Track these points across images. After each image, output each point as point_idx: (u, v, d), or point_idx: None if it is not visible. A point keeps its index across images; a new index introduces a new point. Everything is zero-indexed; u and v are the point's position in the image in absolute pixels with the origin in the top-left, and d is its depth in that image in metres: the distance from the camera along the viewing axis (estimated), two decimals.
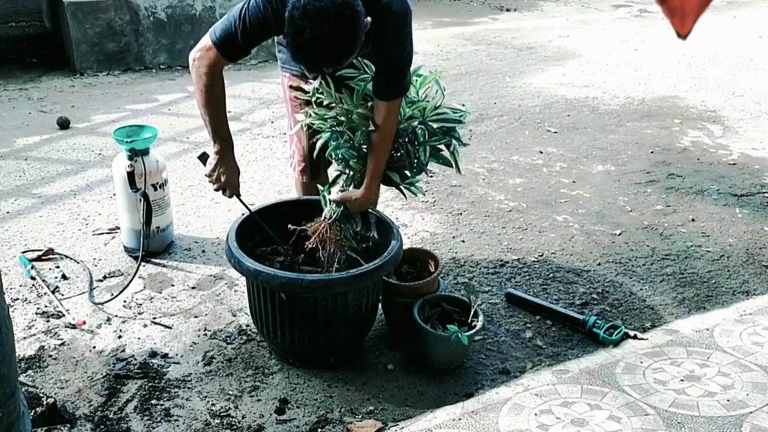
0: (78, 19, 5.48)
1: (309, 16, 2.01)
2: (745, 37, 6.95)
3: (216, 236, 3.36)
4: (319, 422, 2.30)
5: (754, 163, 4.27)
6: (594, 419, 2.20)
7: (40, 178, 3.91)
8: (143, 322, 2.77)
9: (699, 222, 3.60)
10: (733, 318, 2.77)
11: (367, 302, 2.48)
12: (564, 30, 7.17)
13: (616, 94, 5.43)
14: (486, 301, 2.94)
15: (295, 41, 2.06)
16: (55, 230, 3.40)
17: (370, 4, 2.14)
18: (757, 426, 2.18)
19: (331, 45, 2.05)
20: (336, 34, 2.03)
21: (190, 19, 5.80)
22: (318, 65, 2.15)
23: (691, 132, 4.72)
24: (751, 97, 5.36)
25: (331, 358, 2.54)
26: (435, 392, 2.46)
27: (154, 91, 5.28)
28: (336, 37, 2.04)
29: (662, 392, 2.33)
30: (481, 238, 3.41)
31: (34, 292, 2.93)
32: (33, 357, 2.56)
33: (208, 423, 2.29)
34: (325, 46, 2.05)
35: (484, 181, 3.99)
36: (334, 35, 2.03)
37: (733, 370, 2.45)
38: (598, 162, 4.26)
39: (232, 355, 2.61)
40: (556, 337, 2.75)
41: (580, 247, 3.36)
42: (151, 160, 3.05)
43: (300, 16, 2.02)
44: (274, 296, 2.37)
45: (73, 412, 2.31)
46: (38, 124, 4.60)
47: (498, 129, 4.72)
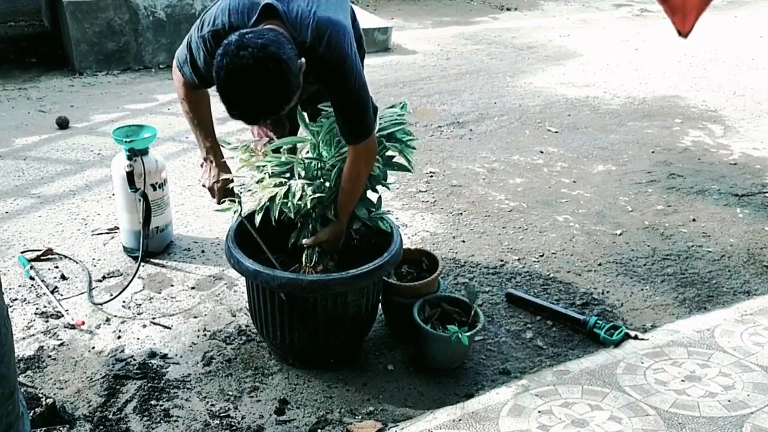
0: (77, 19, 5.48)
1: (232, 75, 1.96)
2: (746, 36, 6.94)
3: (215, 236, 3.36)
4: (319, 423, 2.30)
5: (755, 162, 4.26)
6: (595, 420, 2.20)
7: (39, 178, 3.90)
8: (142, 322, 2.76)
9: (700, 222, 3.59)
10: (734, 318, 2.76)
11: (367, 302, 2.47)
12: (564, 29, 7.16)
13: (617, 93, 5.42)
14: (486, 301, 2.93)
15: (225, 101, 2.01)
16: (54, 230, 3.39)
17: (305, 52, 2.09)
18: (757, 426, 2.17)
19: (261, 100, 2.00)
20: (264, 88, 1.97)
21: (190, 19, 5.78)
22: (255, 120, 2.15)
23: (692, 132, 4.72)
24: (752, 97, 5.35)
25: (331, 359, 2.53)
26: (435, 392, 2.45)
27: (154, 90, 5.27)
28: (265, 91, 1.98)
29: (663, 393, 2.33)
30: (482, 238, 3.40)
31: (33, 293, 2.92)
32: (32, 357, 2.55)
33: (207, 423, 2.28)
34: (256, 102, 2.00)
35: (485, 181, 3.98)
36: (263, 90, 1.97)
37: (734, 370, 2.44)
38: (599, 162, 4.26)
39: (231, 355, 2.60)
40: (556, 337, 2.74)
41: (581, 247, 3.35)
42: (150, 160, 3.04)
43: (225, 77, 1.97)
44: (273, 296, 2.36)
45: (73, 413, 2.30)
46: (37, 124, 4.60)
47: (498, 129, 4.72)
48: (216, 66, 1.99)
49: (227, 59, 1.96)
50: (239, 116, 2.06)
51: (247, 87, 1.97)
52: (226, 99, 2.01)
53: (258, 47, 1.94)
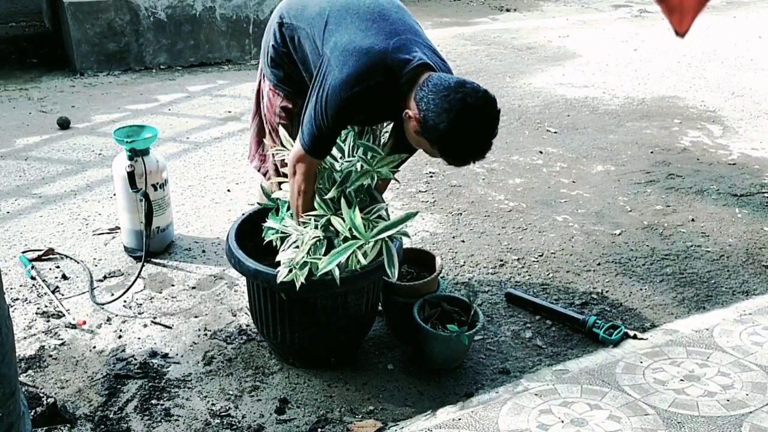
0: (78, 19, 5.48)
1: (483, 118, 2.06)
2: (745, 37, 6.95)
3: (216, 236, 3.36)
4: (319, 422, 2.30)
5: (753, 163, 4.27)
6: (594, 419, 2.21)
7: (40, 178, 3.91)
8: (143, 322, 2.77)
9: (699, 222, 3.60)
10: (733, 318, 2.77)
11: (367, 302, 2.48)
12: (564, 30, 7.17)
13: (616, 94, 5.43)
14: (486, 301, 2.94)
15: (473, 144, 2.07)
16: (55, 230, 3.40)
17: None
18: (756, 426, 2.18)
19: (495, 134, 2.11)
20: (497, 123, 2.10)
21: (190, 20, 5.80)
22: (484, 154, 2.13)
23: (691, 132, 4.73)
24: (750, 97, 5.36)
25: (331, 358, 2.54)
26: (435, 392, 2.46)
27: (154, 91, 5.28)
28: (496, 125, 2.11)
29: (662, 392, 2.33)
30: (481, 238, 3.41)
31: (34, 292, 2.93)
32: (33, 357, 2.56)
33: (208, 423, 2.29)
34: (493, 136, 2.09)
35: (484, 181, 3.99)
36: (496, 124, 2.10)
37: (733, 370, 2.45)
38: (598, 162, 4.27)
39: (232, 355, 2.61)
40: (555, 336, 2.75)
41: (580, 247, 3.36)
42: (151, 160, 3.05)
43: (477, 120, 2.03)
44: (274, 296, 2.37)
45: (73, 412, 2.31)
46: (38, 124, 4.60)
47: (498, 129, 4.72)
48: (456, 120, 2.00)
49: (471, 110, 2.02)
50: (479, 158, 2.11)
51: (491, 132, 2.08)
52: (470, 148, 2.08)
53: (478, 87, 2.07)
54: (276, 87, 2.53)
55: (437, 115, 2.00)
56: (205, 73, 5.73)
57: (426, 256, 2.79)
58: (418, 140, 2.13)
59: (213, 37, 5.86)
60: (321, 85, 2.16)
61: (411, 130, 2.12)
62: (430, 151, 2.15)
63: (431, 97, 2.02)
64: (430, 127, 2.03)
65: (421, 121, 2.04)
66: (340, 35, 2.17)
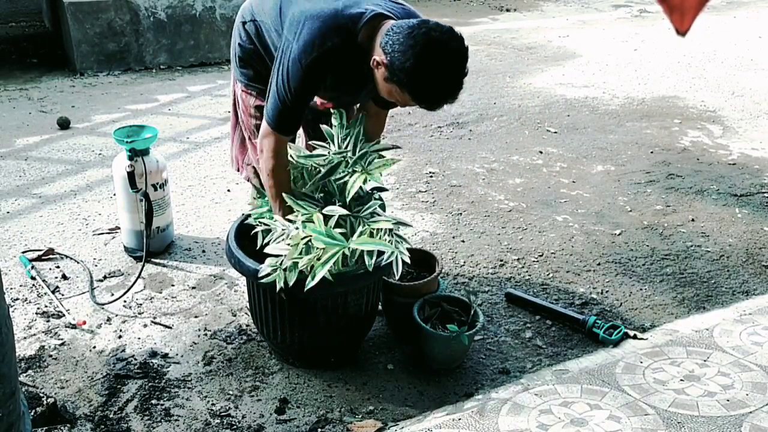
0: (78, 20, 5.49)
1: (450, 56, 2.00)
2: (745, 37, 6.95)
3: (216, 236, 3.37)
4: (319, 422, 2.30)
5: (753, 163, 4.27)
6: (594, 419, 2.21)
7: (40, 178, 3.91)
8: (143, 322, 2.77)
9: (699, 222, 3.60)
10: (733, 318, 2.77)
11: (367, 302, 2.48)
12: (564, 30, 7.17)
13: (616, 94, 5.43)
14: (486, 301, 2.94)
15: (443, 86, 2.02)
16: (55, 230, 3.40)
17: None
18: (756, 426, 2.18)
19: (464, 73, 2.04)
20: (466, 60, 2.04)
21: (190, 20, 5.80)
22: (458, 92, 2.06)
23: (691, 132, 4.73)
24: (750, 97, 5.36)
25: (331, 358, 2.54)
26: (435, 392, 2.46)
27: (154, 91, 5.28)
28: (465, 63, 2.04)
29: (662, 392, 2.33)
30: (481, 238, 3.41)
31: (34, 292, 2.93)
32: (33, 357, 2.56)
33: (208, 423, 2.29)
34: (463, 75, 2.03)
35: (484, 181, 3.99)
36: (465, 63, 2.03)
37: (733, 369, 2.45)
38: (598, 162, 4.27)
39: (232, 355, 2.61)
40: (555, 336, 2.75)
41: (580, 247, 3.36)
42: (151, 160, 3.05)
43: (442, 60, 1.98)
44: (274, 296, 2.37)
45: (73, 412, 2.31)
46: (38, 124, 4.61)
47: (498, 129, 4.72)
48: (421, 56, 1.96)
49: (436, 45, 1.96)
50: (450, 99, 2.05)
51: (460, 69, 2.01)
52: (439, 86, 2.02)
53: (441, 24, 2.01)
54: (247, 87, 2.53)
55: (402, 54, 1.98)
56: (205, 73, 5.73)
57: (426, 256, 2.79)
58: (389, 88, 2.10)
59: (213, 37, 5.86)
60: (281, 60, 2.17)
61: (380, 78, 2.09)
62: (402, 99, 2.11)
63: (395, 38, 2.00)
64: (397, 68, 2.00)
65: (388, 64, 2.02)
66: (291, 12, 2.19)
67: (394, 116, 4.81)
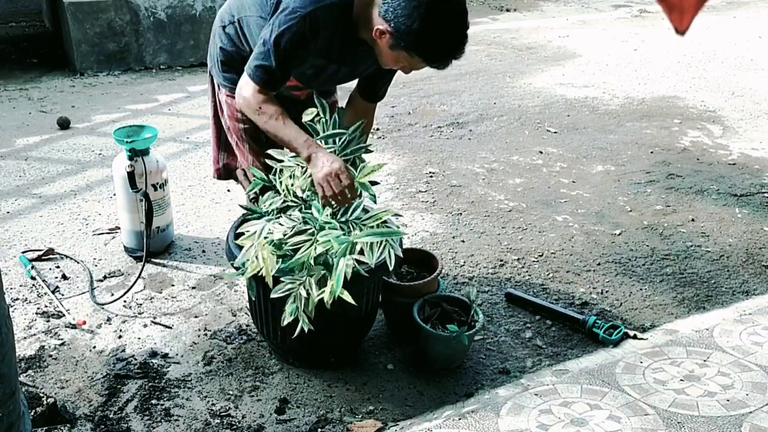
0: (78, 20, 5.49)
1: (454, 15, 2.06)
2: (745, 37, 6.95)
3: (216, 236, 3.37)
4: (319, 422, 2.30)
5: (753, 163, 4.27)
6: (594, 419, 2.21)
7: (40, 178, 3.91)
8: (143, 322, 2.77)
9: (699, 222, 3.60)
10: (733, 318, 2.77)
11: (367, 302, 2.48)
12: (564, 30, 7.17)
13: (616, 94, 5.43)
14: (486, 301, 2.94)
15: (449, 43, 2.09)
16: (55, 230, 3.40)
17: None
18: (756, 426, 2.18)
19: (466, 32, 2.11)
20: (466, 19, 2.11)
21: (190, 20, 5.80)
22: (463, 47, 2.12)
23: (691, 132, 4.73)
24: (750, 97, 5.36)
25: (331, 358, 2.54)
26: (435, 392, 2.46)
27: (154, 91, 5.28)
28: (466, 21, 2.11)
29: (662, 392, 2.33)
30: (481, 238, 3.41)
31: (34, 292, 2.93)
32: (33, 357, 2.56)
33: (208, 423, 2.29)
34: (466, 34, 2.10)
35: (484, 181, 3.99)
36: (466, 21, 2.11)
37: (733, 369, 2.45)
38: (598, 162, 4.27)
39: (232, 355, 2.61)
40: (555, 336, 2.75)
41: (580, 247, 3.36)
42: (151, 160, 3.05)
43: (445, 19, 2.05)
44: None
45: (73, 412, 2.31)
46: (38, 124, 4.61)
47: (498, 129, 4.73)
48: (428, 13, 2.02)
49: (435, 2, 2.03)
50: (458, 54, 2.13)
51: (464, 23, 2.09)
52: (448, 40, 2.08)
53: None
54: (232, 91, 2.46)
55: (408, 17, 2.03)
56: (205, 73, 5.64)
57: (426, 256, 2.79)
58: (396, 56, 2.14)
59: None
60: (276, 16, 2.16)
61: (385, 47, 2.13)
62: (409, 62, 2.16)
63: (396, 4, 2.05)
64: (404, 31, 2.05)
65: (393, 30, 2.06)
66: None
67: (394, 116, 4.81)
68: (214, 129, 2.78)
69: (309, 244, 2.16)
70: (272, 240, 2.19)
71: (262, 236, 2.20)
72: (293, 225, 2.22)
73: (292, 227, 2.22)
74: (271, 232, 2.21)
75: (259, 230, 2.21)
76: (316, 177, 2.21)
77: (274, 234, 2.20)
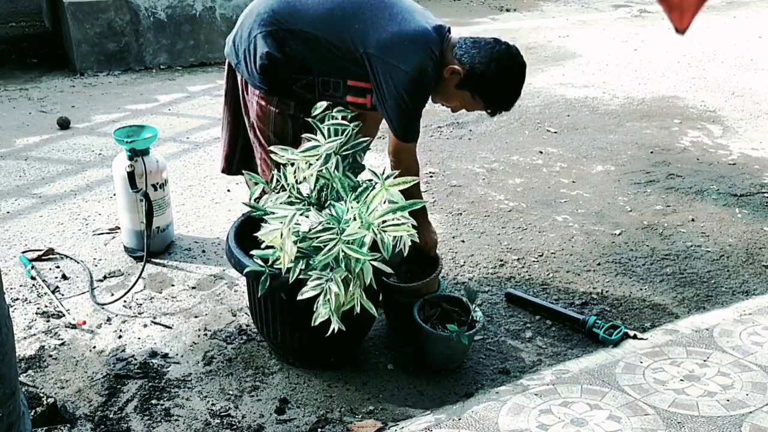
0: (78, 20, 5.49)
1: (522, 70, 2.42)
2: (745, 37, 6.95)
3: (216, 236, 3.37)
4: (319, 422, 2.30)
5: (753, 163, 4.27)
6: (594, 419, 2.21)
7: (40, 178, 3.91)
8: (143, 322, 2.77)
9: (699, 222, 3.60)
10: (733, 318, 2.77)
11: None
12: (564, 30, 7.17)
13: (616, 94, 5.43)
14: (486, 301, 2.94)
15: (513, 94, 2.42)
16: (55, 230, 3.40)
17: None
18: (756, 426, 2.18)
19: None
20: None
21: (190, 20, 5.80)
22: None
23: (691, 132, 4.73)
24: (750, 97, 5.36)
25: (331, 358, 2.54)
26: (435, 392, 2.46)
27: (154, 91, 5.28)
28: None
29: (662, 392, 2.33)
30: (481, 238, 3.41)
31: (34, 292, 2.93)
32: (33, 357, 2.56)
33: (208, 423, 2.29)
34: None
35: (484, 181, 3.99)
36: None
37: (733, 369, 2.45)
38: (598, 162, 4.27)
39: (232, 355, 2.61)
40: (555, 336, 2.75)
41: (580, 247, 3.36)
42: (151, 160, 3.05)
43: (518, 73, 2.42)
44: (274, 296, 2.37)
45: (73, 412, 2.31)
46: (38, 124, 4.61)
47: (498, 129, 4.73)
48: (502, 67, 2.37)
49: (514, 59, 2.40)
50: (510, 107, 2.48)
51: (524, 81, 2.45)
52: (512, 93, 2.43)
53: (513, 46, 2.45)
54: (268, 95, 2.51)
55: (485, 66, 2.34)
56: (205, 73, 5.73)
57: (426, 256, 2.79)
58: (459, 95, 2.44)
59: (213, 37, 5.86)
60: (390, 83, 2.35)
61: (450, 86, 2.41)
62: (467, 103, 2.47)
63: (475, 52, 2.35)
64: (478, 77, 2.35)
65: (468, 73, 2.35)
66: (377, 35, 2.36)
67: None
68: (231, 126, 2.77)
69: (334, 243, 2.16)
70: (298, 231, 2.19)
71: (290, 224, 2.20)
72: (320, 221, 2.22)
73: (320, 222, 2.21)
74: (299, 223, 2.21)
75: (290, 217, 2.22)
76: (430, 236, 2.67)
77: (302, 225, 2.20)
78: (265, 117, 2.56)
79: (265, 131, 2.58)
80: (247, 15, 2.57)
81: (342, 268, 2.15)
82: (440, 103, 2.56)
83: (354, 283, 2.15)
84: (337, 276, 2.14)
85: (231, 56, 2.62)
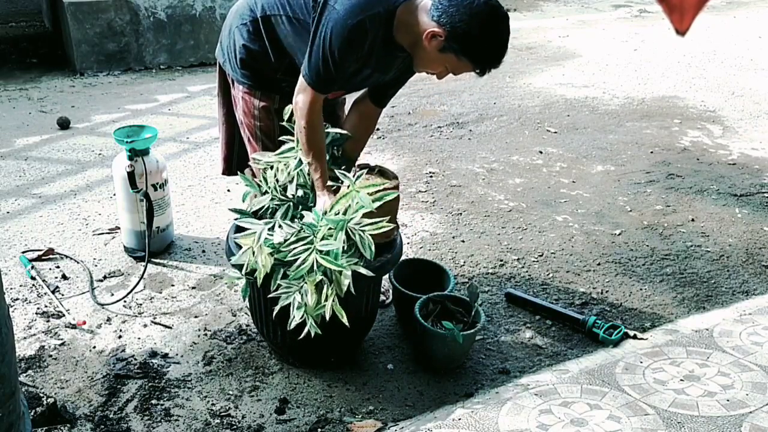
0: (78, 20, 5.49)
1: (503, 21, 2.22)
2: (745, 37, 6.95)
3: (216, 236, 3.37)
4: (319, 422, 2.30)
5: (753, 163, 4.27)
6: (594, 419, 2.21)
7: (40, 178, 3.91)
8: (143, 322, 2.77)
9: (699, 222, 3.60)
10: (733, 318, 2.77)
11: (367, 302, 2.48)
12: (564, 30, 7.17)
13: (616, 94, 5.43)
14: (486, 300, 2.94)
15: (497, 50, 2.23)
16: (55, 230, 3.40)
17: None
18: (756, 426, 2.18)
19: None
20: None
21: (190, 20, 5.80)
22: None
23: (691, 132, 4.73)
24: (750, 97, 5.36)
25: (331, 358, 2.54)
26: (435, 392, 2.46)
27: (154, 91, 5.28)
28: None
29: (662, 392, 2.33)
30: (481, 238, 3.41)
31: (34, 292, 2.93)
32: (33, 357, 2.56)
33: (208, 423, 2.29)
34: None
35: (484, 181, 3.99)
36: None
37: (733, 369, 2.45)
38: (598, 162, 4.27)
39: (232, 355, 2.61)
40: (555, 336, 2.75)
41: (580, 247, 3.36)
42: (151, 160, 3.05)
43: (498, 26, 2.20)
44: (274, 296, 2.37)
45: (73, 412, 2.31)
46: (38, 124, 4.61)
47: (498, 129, 4.73)
48: (485, 22, 2.17)
49: (495, 11, 2.20)
50: (501, 60, 2.27)
51: (509, 34, 2.26)
52: (499, 48, 2.24)
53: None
54: (251, 89, 2.53)
55: (466, 23, 2.16)
56: (205, 73, 5.73)
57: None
58: (443, 58, 2.24)
59: (213, 37, 5.85)
60: (325, 21, 2.22)
61: (433, 49, 2.22)
62: (454, 66, 2.26)
63: (453, 11, 2.16)
64: (460, 35, 2.17)
65: (450, 34, 2.17)
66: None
67: (394, 116, 4.81)
68: (227, 126, 2.78)
69: (308, 253, 2.16)
70: (271, 243, 2.20)
71: (261, 241, 2.21)
72: (293, 231, 2.23)
73: (293, 233, 2.22)
74: (272, 235, 2.22)
75: (259, 234, 2.22)
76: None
77: (275, 237, 2.20)
78: (251, 112, 2.56)
79: (252, 127, 2.59)
80: (231, 14, 2.59)
81: (318, 273, 2.16)
82: (425, 71, 2.36)
83: (329, 287, 2.15)
84: (310, 282, 2.14)
85: (219, 55, 2.65)
